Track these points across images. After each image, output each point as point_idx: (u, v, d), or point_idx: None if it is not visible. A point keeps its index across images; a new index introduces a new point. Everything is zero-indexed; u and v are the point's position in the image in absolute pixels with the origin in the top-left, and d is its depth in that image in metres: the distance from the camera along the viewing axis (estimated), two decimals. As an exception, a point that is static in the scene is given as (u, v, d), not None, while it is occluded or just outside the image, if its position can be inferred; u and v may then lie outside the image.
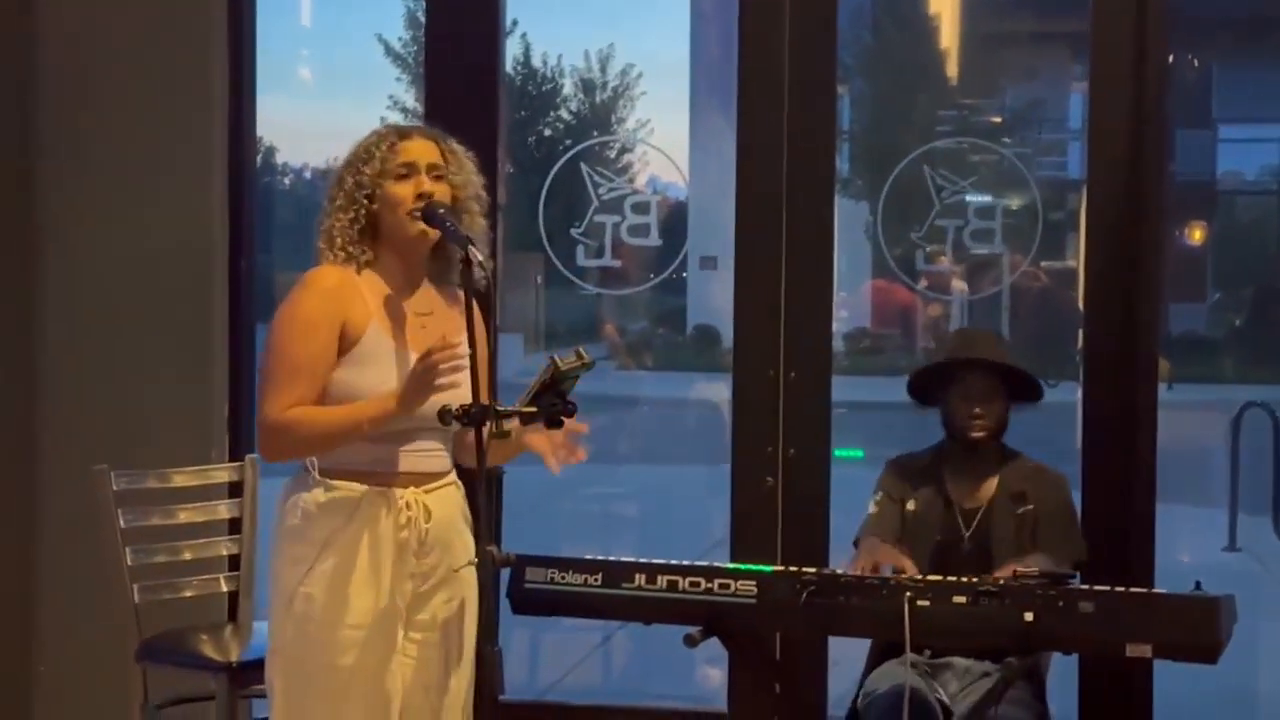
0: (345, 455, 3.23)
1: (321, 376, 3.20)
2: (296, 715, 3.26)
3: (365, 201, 3.28)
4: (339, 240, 3.28)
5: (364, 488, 3.23)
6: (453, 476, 3.37)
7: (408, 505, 3.24)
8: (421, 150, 3.30)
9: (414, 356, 3.21)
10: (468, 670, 3.35)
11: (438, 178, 3.29)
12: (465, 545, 3.32)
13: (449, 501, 3.33)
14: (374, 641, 3.22)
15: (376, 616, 3.22)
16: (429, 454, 3.29)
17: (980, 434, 4.24)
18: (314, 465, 3.26)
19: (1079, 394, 4.96)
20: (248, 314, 5.30)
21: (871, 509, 4.33)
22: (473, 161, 3.39)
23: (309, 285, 3.26)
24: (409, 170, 3.27)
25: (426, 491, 3.27)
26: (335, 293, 3.23)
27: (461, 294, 3.21)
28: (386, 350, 3.24)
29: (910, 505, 4.29)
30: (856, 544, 4.25)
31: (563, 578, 3.89)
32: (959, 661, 4.10)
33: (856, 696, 4.14)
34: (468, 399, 3.08)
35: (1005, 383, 4.28)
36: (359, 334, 3.23)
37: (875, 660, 4.19)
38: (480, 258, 3.15)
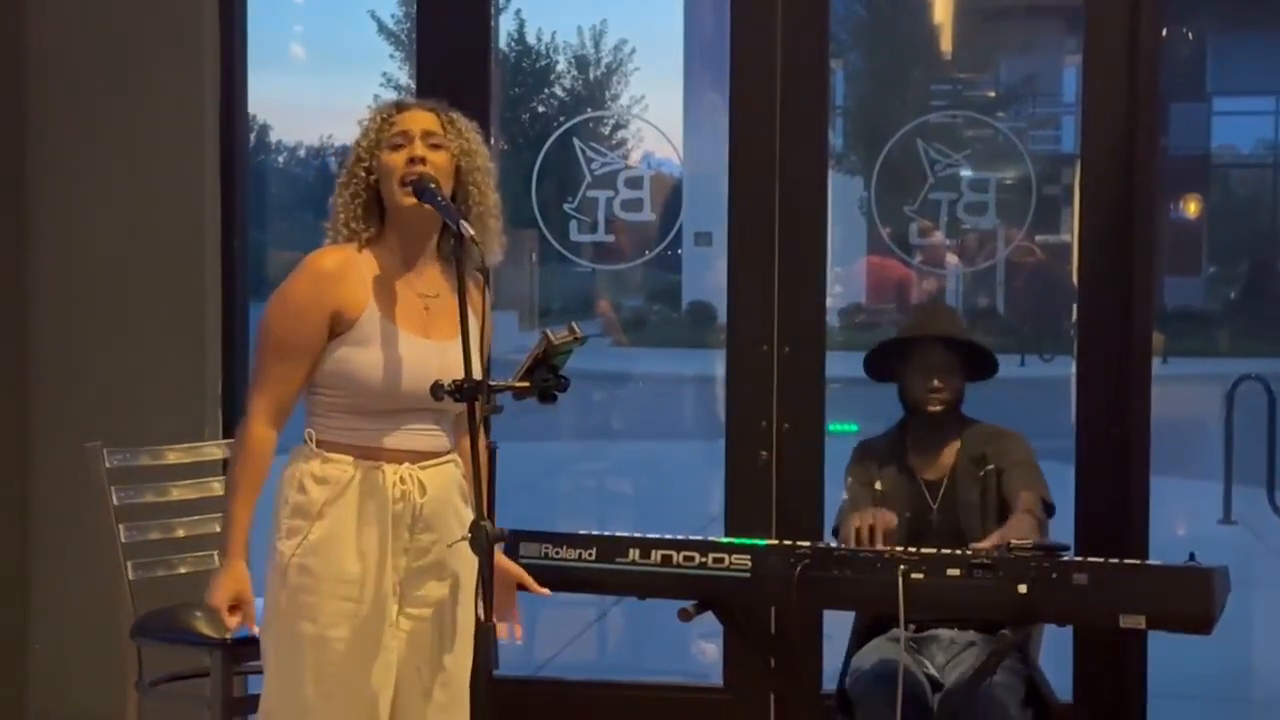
0: (339, 430, 3.24)
1: (307, 360, 3.21)
2: (290, 687, 3.25)
3: (364, 174, 3.27)
4: (342, 216, 3.27)
5: (358, 461, 3.23)
6: (451, 455, 3.36)
7: (401, 479, 3.23)
8: (416, 119, 3.27)
9: (410, 338, 3.22)
10: (463, 648, 3.34)
11: (435, 146, 3.26)
12: (463, 524, 3.29)
13: (445, 479, 3.32)
14: (366, 614, 3.22)
15: (368, 589, 3.22)
16: (422, 432, 3.28)
17: (939, 407, 4.28)
18: (311, 438, 3.26)
19: (1073, 368, 4.96)
20: (241, 292, 5.30)
21: (845, 496, 4.35)
22: (477, 133, 3.36)
23: (304, 269, 3.25)
24: (403, 139, 3.25)
25: (422, 468, 3.27)
26: (330, 277, 3.22)
27: (474, 273, 3.21)
28: (383, 332, 3.23)
29: (878, 485, 4.31)
30: (835, 533, 4.25)
31: (557, 553, 3.89)
32: (943, 633, 4.12)
33: (843, 676, 4.14)
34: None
35: (961, 357, 4.32)
36: (355, 315, 3.22)
37: (859, 638, 4.20)
38: (471, 233, 3.14)
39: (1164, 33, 4.94)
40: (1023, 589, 3.55)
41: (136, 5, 5.14)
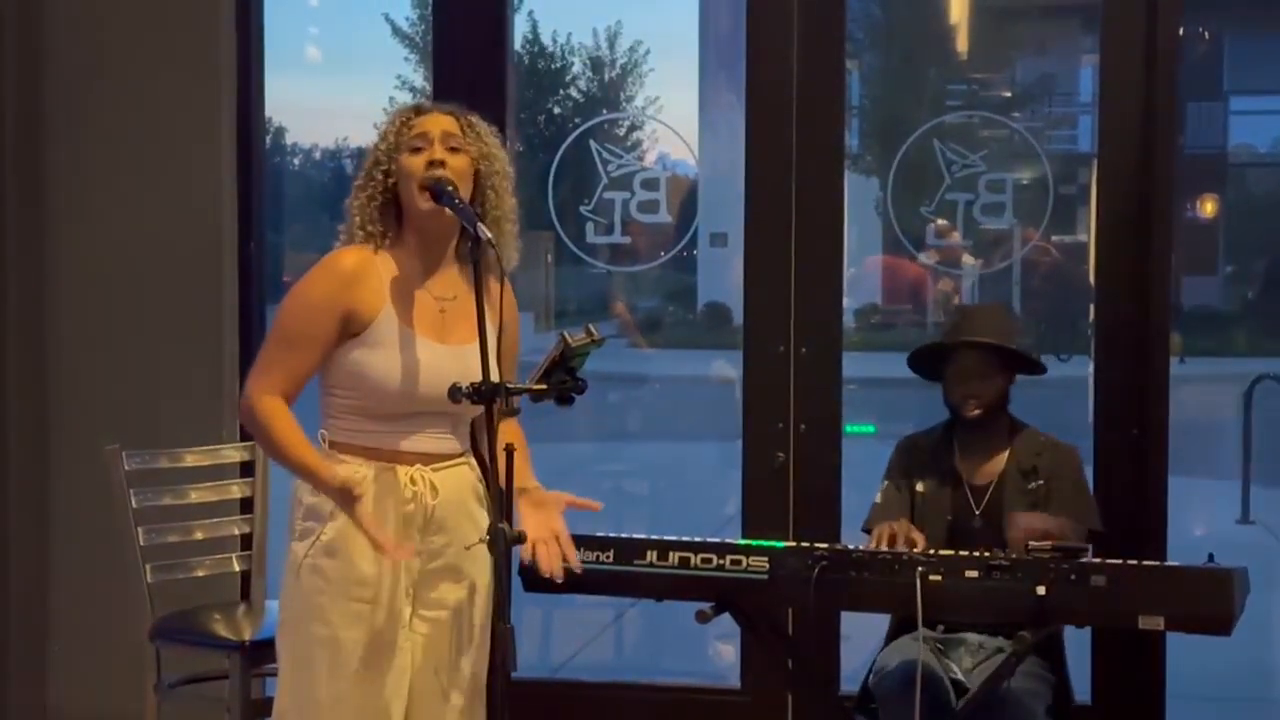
0: (352, 432, 3.24)
1: (312, 354, 3.22)
2: (303, 689, 3.26)
3: (382, 178, 3.27)
4: (358, 219, 3.27)
5: (370, 463, 3.23)
6: (465, 458, 3.36)
7: (413, 480, 3.24)
8: (436, 123, 3.28)
9: (426, 342, 3.23)
10: (479, 651, 3.34)
11: (453, 149, 3.26)
12: (477, 526, 3.30)
13: (459, 481, 3.32)
14: (379, 616, 3.22)
15: (382, 591, 3.22)
16: (435, 436, 3.28)
17: (975, 412, 4.20)
18: (325, 439, 3.26)
19: (1091, 368, 4.95)
20: (257, 295, 5.31)
21: (878, 498, 4.31)
22: (496, 137, 3.37)
23: (321, 268, 3.27)
24: (423, 142, 3.25)
25: (434, 470, 3.27)
26: (345, 277, 3.23)
27: (490, 276, 3.21)
28: (398, 334, 3.23)
29: (920, 487, 4.27)
30: (867, 531, 4.23)
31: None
32: (971, 637, 4.10)
33: (869, 674, 4.14)
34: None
35: (1004, 357, 4.23)
36: (370, 317, 3.22)
37: (891, 636, 4.19)
38: (489, 235, 3.15)
39: (1181, 32, 4.92)
40: (1041, 590, 3.54)
41: (153, 8, 5.15)
